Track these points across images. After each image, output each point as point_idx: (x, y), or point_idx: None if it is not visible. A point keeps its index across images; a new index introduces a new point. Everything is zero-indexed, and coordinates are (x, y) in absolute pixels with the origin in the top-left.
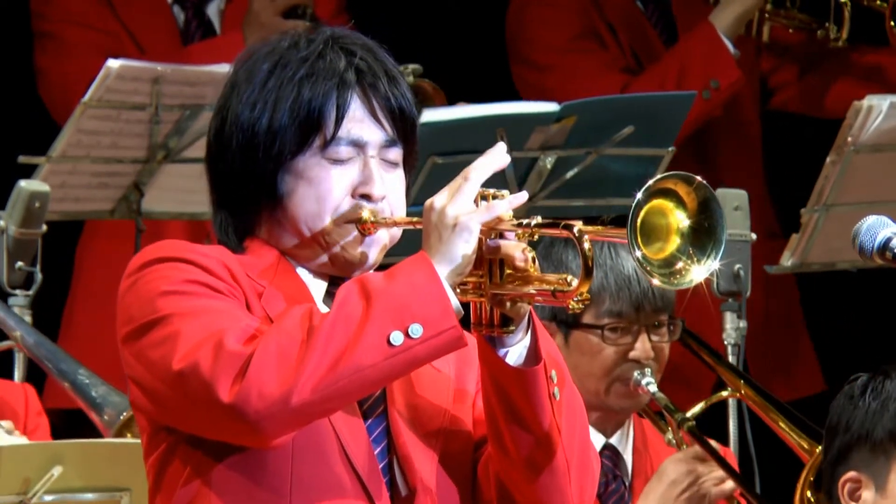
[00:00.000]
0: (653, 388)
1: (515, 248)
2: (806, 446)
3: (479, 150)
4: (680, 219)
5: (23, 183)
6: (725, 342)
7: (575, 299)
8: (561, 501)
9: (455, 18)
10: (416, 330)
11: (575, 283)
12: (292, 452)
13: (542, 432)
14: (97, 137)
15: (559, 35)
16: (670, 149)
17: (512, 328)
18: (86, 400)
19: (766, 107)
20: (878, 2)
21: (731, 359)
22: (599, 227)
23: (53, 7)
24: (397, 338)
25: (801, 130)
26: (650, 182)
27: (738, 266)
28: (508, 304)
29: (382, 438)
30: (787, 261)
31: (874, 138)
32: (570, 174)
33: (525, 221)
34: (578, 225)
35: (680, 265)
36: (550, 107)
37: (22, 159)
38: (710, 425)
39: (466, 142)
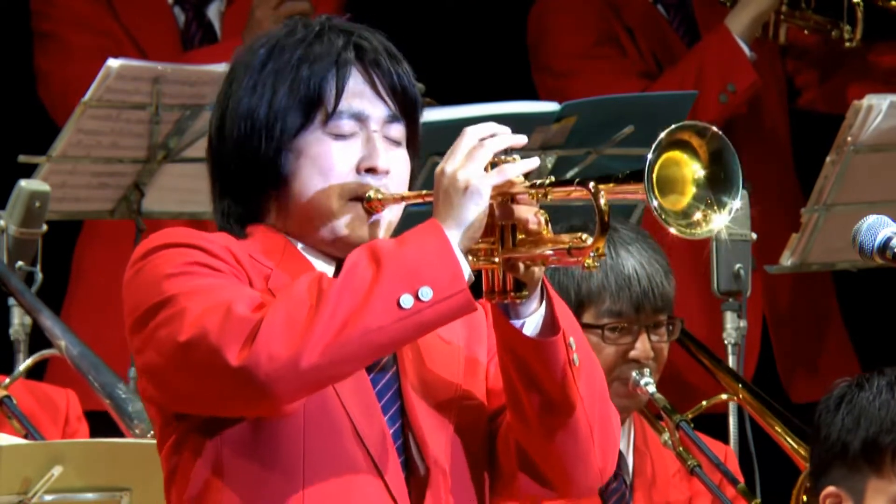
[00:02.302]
0: (651, 388)
1: (528, 212)
2: (803, 452)
3: None
4: (694, 169)
5: (23, 182)
6: (725, 342)
7: (591, 255)
8: (585, 466)
9: (454, 20)
10: (426, 293)
11: (590, 240)
12: (304, 435)
13: (563, 400)
14: (97, 137)
15: (578, 42)
16: None
17: (525, 293)
18: (121, 413)
19: (793, 105)
20: (893, 2)
21: (731, 358)
22: (613, 184)
23: (54, 7)
24: (407, 300)
25: (832, 128)
26: (663, 134)
27: (738, 266)
28: (522, 267)
29: (397, 418)
30: (786, 260)
31: (874, 138)
32: (570, 174)
33: (538, 182)
34: (593, 181)
35: (698, 216)
36: (550, 106)
37: (22, 159)
38: (711, 425)
39: None
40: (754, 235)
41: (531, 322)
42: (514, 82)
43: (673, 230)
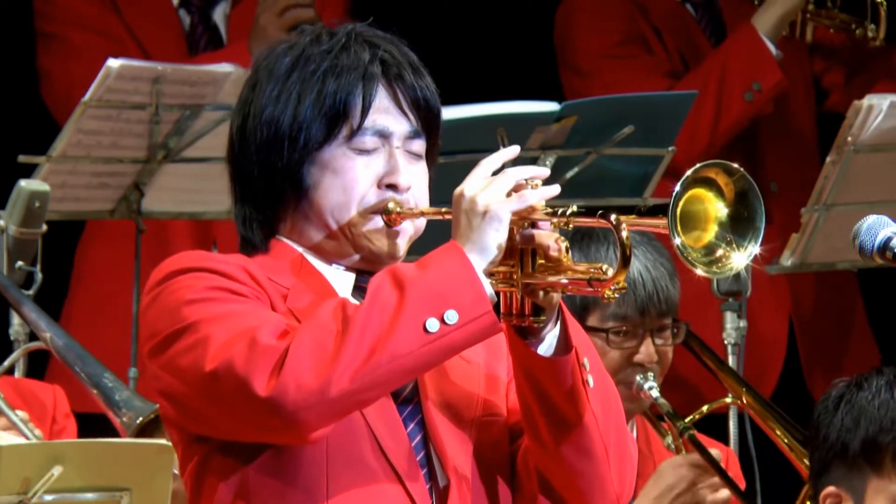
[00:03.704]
0: (655, 392)
1: (549, 238)
2: (805, 460)
3: (480, 150)
4: (718, 207)
5: (23, 182)
6: (725, 342)
7: (611, 288)
8: (601, 488)
9: (457, 19)
10: (452, 316)
11: (611, 272)
12: (327, 454)
13: (577, 420)
14: (97, 137)
15: (604, 41)
16: (670, 148)
17: (543, 318)
18: (108, 402)
19: (821, 108)
20: None
21: (731, 358)
22: (635, 217)
23: (59, 9)
24: (433, 325)
25: None
26: (689, 171)
27: None
28: (541, 293)
29: (418, 431)
30: (786, 260)
31: (874, 138)
32: (570, 174)
33: (560, 210)
34: (616, 213)
35: (720, 253)
36: (551, 106)
37: (22, 159)
38: (712, 427)
39: (467, 141)
40: None
41: (545, 342)
42: (517, 81)
43: (699, 271)
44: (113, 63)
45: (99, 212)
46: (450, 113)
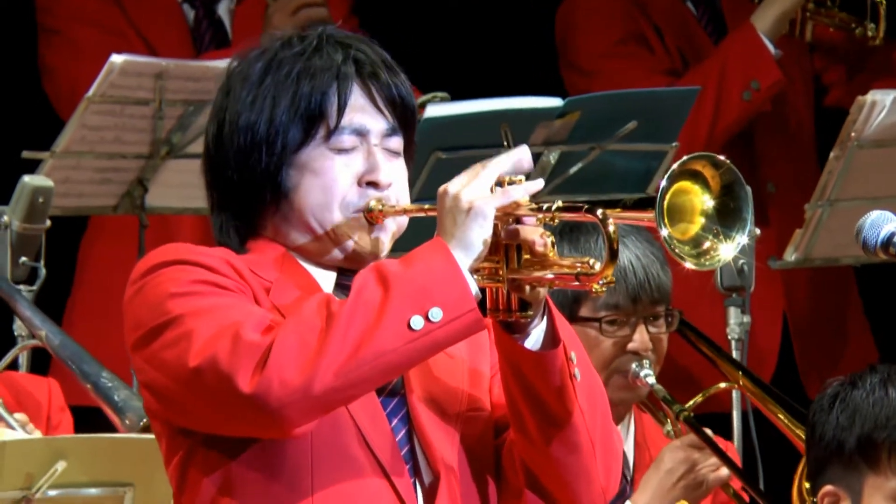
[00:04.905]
0: (651, 379)
1: (534, 233)
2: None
3: (482, 146)
4: (704, 200)
5: (26, 178)
6: (729, 337)
7: (599, 282)
8: (587, 482)
9: (459, 16)
10: (436, 314)
11: (598, 266)
12: (311, 448)
13: (564, 415)
14: (101, 133)
15: (604, 40)
16: (674, 144)
17: (530, 313)
18: (108, 402)
19: (821, 104)
20: None
21: (734, 354)
22: (620, 210)
23: (61, 5)
24: (417, 322)
25: None
26: (675, 165)
27: (741, 261)
28: (527, 288)
29: (403, 425)
30: (790, 256)
31: (878, 133)
32: (573, 170)
33: (545, 205)
34: (601, 208)
35: (707, 245)
36: (554, 102)
37: (26, 154)
38: (714, 422)
39: (470, 137)
40: (758, 231)
41: (532, 336)
42: (520, 77)
43: (689, 264)
44: (116, 59)
45: (102, 207)
46: (453, 108)
